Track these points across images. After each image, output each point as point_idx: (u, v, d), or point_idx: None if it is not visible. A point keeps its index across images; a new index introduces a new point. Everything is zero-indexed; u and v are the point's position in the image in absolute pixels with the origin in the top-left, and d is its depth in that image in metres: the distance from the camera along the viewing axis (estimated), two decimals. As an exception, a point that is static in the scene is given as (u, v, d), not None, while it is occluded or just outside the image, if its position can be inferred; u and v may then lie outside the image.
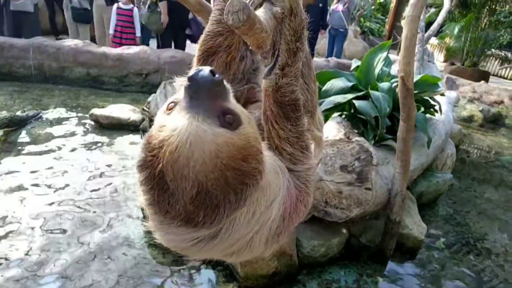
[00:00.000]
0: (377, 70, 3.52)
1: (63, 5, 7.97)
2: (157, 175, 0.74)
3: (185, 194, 0.73)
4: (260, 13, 0.90)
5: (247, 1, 0.93)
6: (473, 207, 4.30)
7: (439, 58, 14.30)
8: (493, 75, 12.78)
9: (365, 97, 3.22)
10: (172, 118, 0.74)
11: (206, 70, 0.75)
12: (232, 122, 0.76)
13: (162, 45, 7.23)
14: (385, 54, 3.53)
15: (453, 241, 3.60)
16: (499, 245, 3.65)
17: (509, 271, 3.28)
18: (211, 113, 0.74)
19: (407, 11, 2.32)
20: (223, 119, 0.76)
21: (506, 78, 13.53)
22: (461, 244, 3.57)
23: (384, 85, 3.32)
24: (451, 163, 4.45)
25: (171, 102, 0.80)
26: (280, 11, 0.93)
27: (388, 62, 3.82)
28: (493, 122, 7.86)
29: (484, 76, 10.80)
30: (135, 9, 7.14)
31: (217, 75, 0.76)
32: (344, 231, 3.01)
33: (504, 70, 12.42)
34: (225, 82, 0.80)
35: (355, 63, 4.07)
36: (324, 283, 2.80)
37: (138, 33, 7.22)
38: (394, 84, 3.46)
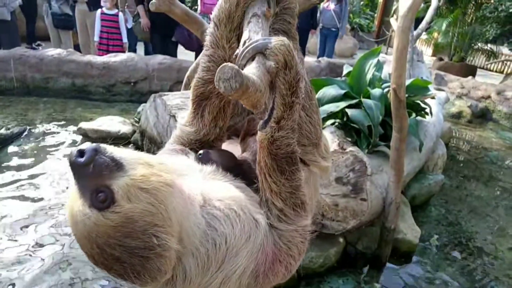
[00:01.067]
0: (368, 76, 3.53)
1: (43, 11, 7.76)
2: None
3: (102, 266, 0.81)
4: (253, 68, 0.86)
5: (239, 57, 0.90)
6: (464, 205, 4.37)
7: (427, 52, 14.46)
8: (480, 68, 12.99)
9: (358, 105, 3.24)
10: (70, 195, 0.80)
11: (74, 152, 0.76)
12: (104, 200, 0.76)
13: (153, 50, 7.13)
14: (376, 60, 3.54)
15: (446, 241, 3.66)
16: (489, 243, 3.73)
17: (499, 269, 3.36)
18: (84, 194, 0.76)
19: (398, 23, 2.33)
20: (95, 199, 0.76)
21: (492, 71, 13.78)
22: (453, 244, 3.64)
23: (376, 91, 3.33)
24: (442, 164, 4.51)
25: None
26: (274, 65, 0.88)
27: (379, 67, 3.84)
28: (481, 117, 7.98)
29: (472, 70, 10.96)
30: (120, 14, 7.03)
31: (85, 157, 0.75)
32: (341, 240, 3.03)
33: (492, 64, 12.64)
34: (104, 156, 0.77)
35: (346, 69, 4.08)
36: (323, 292, 2.83)
37: (125, 39, 7.11)
38: (386, 90, 3.48)
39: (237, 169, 1.17)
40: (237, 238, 0.90)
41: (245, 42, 0.93)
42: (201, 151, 1.12)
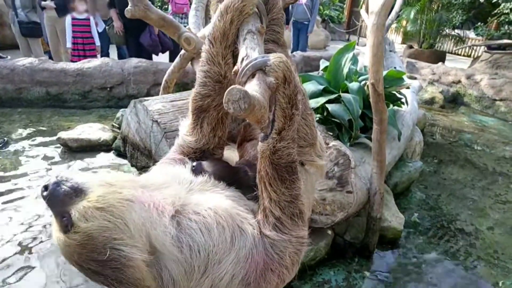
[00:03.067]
0: (345, 70, 3.62)
1: (10, 19, 7.52)
2: None
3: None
4: (254, 85, 0.90)
5: (240, 74, 0.94)
6: (443, 189, 4.54)
7: (396, 40, 14.78)
8: (449, 53, 13.39)
9: (337, 99, 3.31)
10: None
11: (43, 187, 0.91)
12: (67, 224, 0.89)
13: (129, 54, 7.04)
14: (351, 54, 3.62)
15: (429, 226, 3.80)
16: (469, 224, 3.90)
17: (481, 249, 3.53)
18: (56, 220, 0.91)
19: (372, 20, 2.40)
20: (61, 224, 0.90)
21: (460, 55, 14.22)
22: (436, 228, 3.78)
23: (354, 85, 3.42)
24: (419, 150, 4.67)
25: None
26: (274, 81, 0.93)
27: (354, 60, 3.93)
28: (453, 101, 8.26)
29: (441, 56, 11.32)
30: (91, 17, 6.91)
31: (48, 191, 0.89)
32: (329, 232, 3.11)
33: (460, 49, 13.05)
34: (65, 186, 0.90)
35: (323, 64, 4.15)
36: (316, 285, 2.90)
37: (98, 42, 7.03)
38: (363, 83, 3.58)
39: (233, 177, 1.21)
40: (216, 246, 0.95)
41: (243, 59, 0.97)
42: (194, 163, 1.18)
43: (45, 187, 0.90)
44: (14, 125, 5.16)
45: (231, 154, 1.35)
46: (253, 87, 0.88)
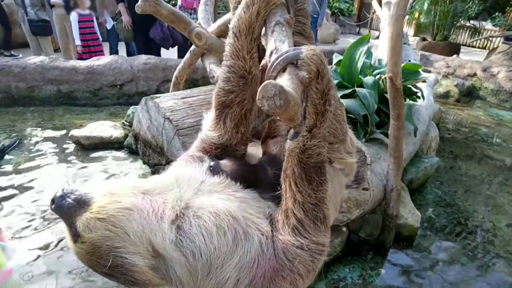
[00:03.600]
0: (359, 64, 3.53)
1: (19, 18, 7.56)
2: None
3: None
4: (286, 80, 0.84)
5: (270, 68, 0.88)
6: (459, 185, 4.44)
7: (409, 32, 14.53)
8: (463, 45, 13.10)
9: (351, 94, 3.24)
10: None
11: (51, 200, 0.95)
12: (74, 234, 0.94)
13: (137, 50, 7.04)
14: (365, 47, 3.53)
15: (445, 223, 3.71)
16: (487, 220, 3.80)
17: (499, 246, 3.43)
18: (67, 229, 0.97)
19: (391, 11, 2.32)
20: (71, 234, 0.96)
21: (475, 47, 13.92)
22: (453, 224, 3.69)
23: (368, 79, 3.34)
24: (435, 146, 4.57)
25: None
26: (306, 76, 0.87)
27: (369, 54, 3.84)
28: (468, 95, 8.08)
29: (455, 48, 11.06)
30: (92, 12, 7.03)
31: (54, 205, 0.94)
32: (344, 229, 3.06)
33: (476, 41, 12.75)
34: (69, 199, 0.95)
35: (336, 58, 4.07)
36: (332, 283, 2.86)
37: (100, 37, 7.17)
38: (377, 77, 3.49)
39: (251, 176, 1.17)
40: (217, 250, 0.94)
41: (272, 52, 0.91)
42: (212, 163, 1.15)
43: (52, 201, 0.95)
44: (27, 124, 5.20)
45: (255, 151, 1.31)
46: (285, 82, 0.82)
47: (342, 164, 1.22)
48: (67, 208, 0.93)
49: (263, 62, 0.94)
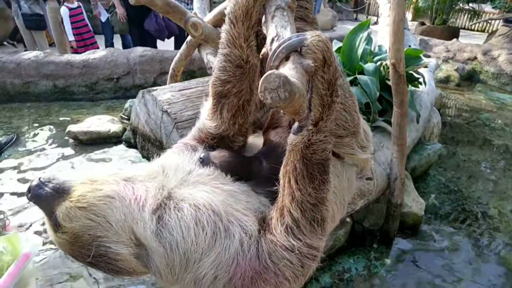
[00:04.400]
0: (359, 51, 3.45)
1: (12, 12, 7.43)
2: None
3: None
4: (290, 70, 0.77)
5: (271, 57, 0.82)
6: (463, 171, 4.39)
7: (407, 17, 14.34)
8: (463, 28, 12.93)
9: (353, 82, 3.17)
10: None
11: (27, 189, 0.93)
12: (55, 224, 0.92)
13: (133, 43, 6.95)
14: (366, 33, 3.45)
15: (449, 210, 3.68)
16: (492, 207, 3.76)
17: (505, 232, 3.40)
18: (46, 218, 0.95)
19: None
20: (51, 223, 0.94)
21: (474, 30, 13.75)
22: (457, 211, 3.66)
23: (369, 66, 3.27)
24: (437, 132, 4.51)
25: None
26: (312, 64, 0.80)
27: (369, 40, 3.76)
28: (469, 79, 7.98)
29: (455, 32, 10.92)
30: (81, 4, 6.93)
31: (31, 193, 0.92)
32: (348, 219, 3.02)
33: (475, 24, 12.57)
34: (47, 188, 0.92)
35: (335, 45, 3.98)
36: (336, 274, 2.83)
37: (91, 29, 7.08)
38: (378, 63, 3.42)
39: (243, 168, 1.12)
40: (194, 245, 0.91)
41: (273, 39, 0.84)
42: (202, 155, 1.11)
43: (28, 190, 0.93)
44: (24, 120, 5.13)
45: (258, 141, 1.25)
46: (289, 72, 0.75)
47: (354, 160, 1.16)
48: (45, 197, 0.91)
49: (263, 50, 0.88)
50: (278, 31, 0.87)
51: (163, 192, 0.97)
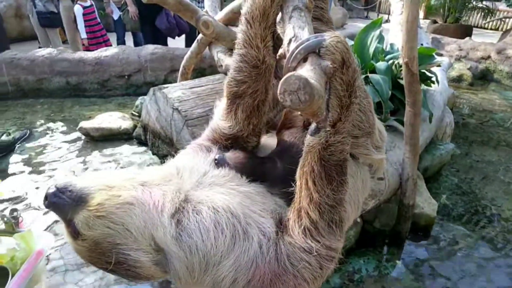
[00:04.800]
0: (371, 49, 3.41)
1: (27, 10, 7.53)
2: None
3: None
4: (308, 71, 0.76)
5: (289, 58, 0.81)
6: (476, 172, 4.32)
7: (419, 15, 14.16)
8: (475, 26, 12.72)
9: (364, 80, 3.14)
10: None
11: (44, 197, 0.91)
12: (74, 231, 0.91)
13: (144, 40, 6.99)
14: (378, 31, 3.41)
15: (462, 211, 3.62)
16: (506, 209, 3.69)
17: (520, 234, 3.33)
18: (65, 226, 0.93)
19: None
20: (69, 230, 0.92)
21: (487, 29, 13.52)
22: (470, 213, 3.60)
23: (381, 65, 3.23)
24: (450, 131, 4.44)
25: None
26: (330, 65, 0.79)
27: (380, 38, 3.71)
28: (482, 78, 7.84)
29: (467, 31, 10.75)
30: (93, 2, 6.98)
31: (47, 201, 0.90)
32: (359, 220, 2.99)
33: (488, 23, 12.35)
34: (64, 196, 0.90)
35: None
36: (346, 275, 2.80)
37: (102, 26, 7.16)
38: (390, 62, 3.38)
39: (259, 170, 1.11)
40: (213, 248, 0.91)
41: (290, 40, 0.83)
42: (217, 156, 1.10)
43: (45, 197, 0.91)
44: (37, 116, 5.21)
45: (270, 141, 1.24)
46: (307, 73, 0.74)
47: (369, 160, 1.14)
48: (62, 206, 0.90)
49: (280, 51, 0.87)
50: (295, 31, 0.86)
51: (180, 195, 0.96)
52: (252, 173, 1.08)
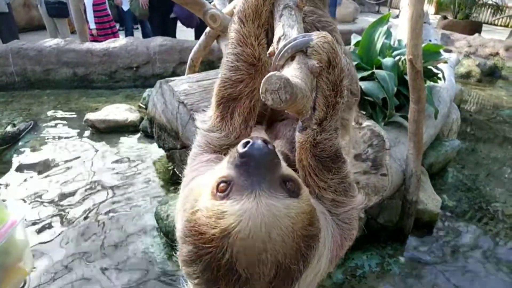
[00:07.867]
0: (378, 45, 3.41)
1: (36, 0, 7.55)
2: (223, 266, 0.69)
3: (263, 278, 0.70)
4: (294, 70, 0.78)
5: (277, 57, 0.82)
6: (481, 169, 4.31)
7: (429, 11, 14.01)
8: (485, 23, 12.58)
9: (370, 76, 3.14)
10: (233, 202, 0.70)
11: (259, 142, 0.73)
12: (294, 189, 0.75)
13: (152, 31, 6.96)
14: (385, 27, 3.40)
15: (466, 208, 3.62)
16: (509, 205, 3.69)
17: (523, 232, 3.33)
18: (275, 187, 0.72)
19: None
20: (287, 189, 0.74)
21: (497, 25, 13.35)
22: (474, 210, 3.60)
23: (388, 61, 3.22)
24: (456, 128, 4.43)
25: (222, 182, 0.74)
26: (317, 65, 0.81)
27: (388, 34, 3.70)
28: (490, 75, 7.77)
29: (477, 27, 10.66)
30: None
31: (269, 145, 0.74)
32: (362, 215, 3.00)
33: (498, 19, 12.22)
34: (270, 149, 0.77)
35: (354, 38, 3.93)
36: (349, 270, 2.82)
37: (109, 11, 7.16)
38: (397, 58, 3.37)
39: None
40: (323, 239, 0.89)
41: (279, 39, 0.85)
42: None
43: (265, 142, 0.75)
44: (43, 107, 5.24)
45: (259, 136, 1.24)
46: (293, 72, 0.77)
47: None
48: (275, 159, 0.77)
49: (270, 49, 0.88)
50: (285, 30, 0.88)
51: None
52: None
